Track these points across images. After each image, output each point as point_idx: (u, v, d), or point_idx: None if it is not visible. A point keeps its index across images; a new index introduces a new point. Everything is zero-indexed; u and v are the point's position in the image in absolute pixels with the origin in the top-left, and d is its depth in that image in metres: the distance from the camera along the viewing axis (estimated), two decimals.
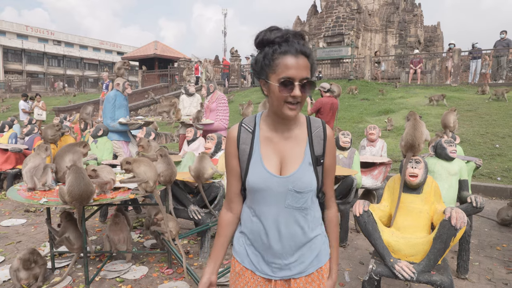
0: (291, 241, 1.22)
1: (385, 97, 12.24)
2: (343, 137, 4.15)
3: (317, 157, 1.23)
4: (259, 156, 1.22)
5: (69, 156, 3.15)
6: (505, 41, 12.68)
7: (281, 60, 1.10)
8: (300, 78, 1.10)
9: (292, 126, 1.24)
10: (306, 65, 1.12)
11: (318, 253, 1.27)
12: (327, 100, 5.92)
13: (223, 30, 45.18)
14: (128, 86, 5.28)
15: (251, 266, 1.28)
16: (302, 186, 1.19)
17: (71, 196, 2.45)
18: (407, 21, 20.36)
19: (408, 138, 2.68)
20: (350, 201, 3.73)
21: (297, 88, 1.10)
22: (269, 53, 1.12)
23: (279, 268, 1.24)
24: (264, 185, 1.19)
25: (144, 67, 23.20)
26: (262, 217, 1.23)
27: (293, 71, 1.09)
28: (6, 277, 2.98)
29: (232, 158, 1.27)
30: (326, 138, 1.25)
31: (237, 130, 1.27)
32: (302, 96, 1.13)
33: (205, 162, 3.14)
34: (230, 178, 1.30)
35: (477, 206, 2.76)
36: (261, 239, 1.24)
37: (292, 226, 1.22)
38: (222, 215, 1.34)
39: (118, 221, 3.25)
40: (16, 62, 42.19)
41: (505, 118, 8.69)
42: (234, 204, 1.32)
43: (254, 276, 1.28)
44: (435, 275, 2.17)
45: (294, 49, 1.10)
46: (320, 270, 1.28)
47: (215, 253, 1.33)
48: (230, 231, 1.34)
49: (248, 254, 1.28)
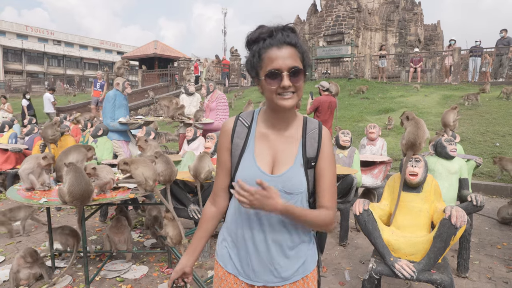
0: (277, 244, 1.18)
1: (385, 96, 12.23)
2: (343, 136, 4.15)
3: (309, 159, 1.18)
4: (252, 152, 1.19)
5: (72, 155, 3.14)
6: (505, 40, 12.67)
7: (266, 54, 1.10)
8: (288, 68, 1.08)
9: (289, 125, 1.21)
10: (292, 54, 1.10)
11: (304, 260, 1.22)
12: (325, 99, 5.92)
13: (223, 29, 45.31)
14: (127, 85, 5.28)
15: (234, 270, 1.23)
16: (291, 187, 1.16)
17: (72, 196, 2.44)
18: (407, 20, 20.32)
19: (411, 136, 2.67)
20: (350, 200, 3.73)
21: (285, 78, 1.09)
22: (256, 51, 1.12)
23: (263, 273, 1.19)
24: (253, 182, 1.12)
25: (144, 67, 23.17)
26: (248, 218, 1.19)
27: (279, 61, 1.08)
28: (6, 277, 2.98)
29: (224, 152, 1.24)
30: (321, 141, 1.20)
31: (233, 123, 1.24)
32: (296, 85, 1.11)
33: (204, 161, 3.14)
34: (219, 172, 1.27)
35: (477, 205, 2.75)
36: (245, 241, 1.20)
37: (279, 229, 1.17)
38: (206, 208, 1.30)
39: (119, 224, 3.25)
40: (16, 62, 42.18)
41: (506, 117, 8.68)
42: (219, 199, 1.28)
43: (238, 281, 1.23)
44: (435, 273, 2.16)
45: (277, 41, 1.09)
46: (306, 278, 1.23)
47: (193, 246, 1.28)
48: (211, 225, 1.29)
49: (231, 257, 1.24)
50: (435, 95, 11.49)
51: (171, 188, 3.32)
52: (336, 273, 3.09)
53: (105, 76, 15.05)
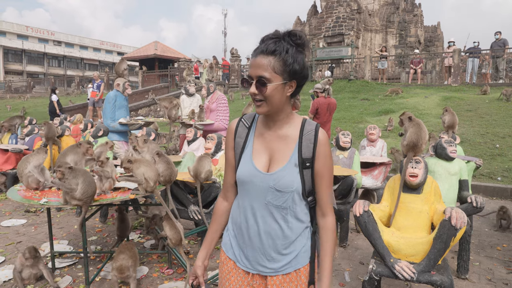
0: (269, 237, 1.25)
1: (385, 97, 12.24)
2: (343, 137, 4.15)
3: (304, 159, 1.23)
4: (250, 151, 1.28)
5: (70, 157, 3.14)
6: (500, 41, 12.76)
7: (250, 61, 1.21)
8: (255, 76, 1.15)
9: (284, 126, 1.27)
10: (264, 64, 1.14)
11: (297, 254, 1.27)
12: (324, 101, 5.93)
13: (223, 30, 45.45)
14: (128, 86, 5.28)
15: (233, 257, 1.34)
16: (282, 185, 1.21)
17: (86, 196, 2.46)
18: (407, 21, 20.36)
19: (413, 137, 2.67)
20: (350, 201, 3.73)
21: (252, 86, 1.17)
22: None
23: (256, 262, 1.28)
24: (248, 179, 1.25)
25: (144, 68, 23.19)
26: (245, 210, 1.29)
27: (251, 69, 1.18)
28: (6, 277, 2.98)
29: (229, 150, 1.35)
30: (316, 142, 1.23)
31: (236, 123, 1.34)
32: (263, 94, 1.16)
33: (204, 162, 3.14)
34: (227, 169, 1.38)
35: (477, 206, 2.75)
36: (242, 232, 1.30)
37: (270, 223, 1.25)
38: (218, 204, 1.42)
39: (124, 249, 2.83)
40: (17, 63, 42.22)
41: (505, 118, 8.69)
42: (229, 194, 1.39)
43: (236, 267, 1.34)
44: (435, 275, 2.17)
45: (259, 50, 1.16)
46: (299, 271, 1.28)
47: (208, 240, 1.40)
48: (224, 219, 1.41)
49: (232, 246, 1.35)
50: (435, 96, 11.50)
51: (172, 189, 3.32)
52: (336, 274, 3.09)
53: (105, 77, 15.01)
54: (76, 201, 2.46)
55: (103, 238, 3.97)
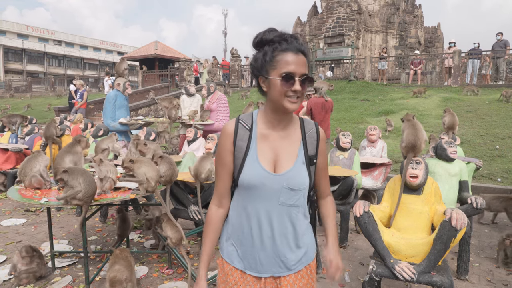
0: (283, 238, 1.26)
1: (385, 98, 12.24)
2: (343, 138, 4.15)
3: (310, 157, 1.29)
4: (255, 153, 1.25)
5: (69, 158, 3.14)
6: (501, 42, 12.74)
7: (282, 57, 1.17)
8: (300, 74, 1.17)
9: (288, 125, 1.28)
10: (304, 62, 1.19)
11: (306, 250, 1.32)
12: (317, 100, 5.94)
13: (223, 30, 45.49)
14: (128, 86, 5.28)
15: (241, 266, 1.30)
16: (296, 184, 1.24)
17: (86, 196, 2.46)
18: (408, 22, 20.37)
19: (410, 138, 2.67)
20: (350, 202, 3.73)
21: (297, 82, 1.17)
22: (269, 51, 1.19)
23: (270, 266, 1.27)
24: (259, 182, 1.22)
25: (145, 67, 23.17)
26: (255, 214, 1.25)
27: (294, 66, 1.16)
28: (6, 276, 2.98)
29: (227, 154, 1.27)
30: (319, 139, 1.32)
31: (234, 126, 1.28)
32: (302, 91, 1.19)
33: (205, 162, 3.14)
34: (223, 174, 1.30)
35: (477, 207, 2.76)
36: (252, 236, 1.26)
37: (285, 223, 1.26)
38: (213, 211, 1.34)
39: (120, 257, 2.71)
40: (17, 62, 42.18)
41: (505, 119, 8.69)
42: (225, 200, 1.34)
43: (244, 275, 1.30)
44: (435, 276, 2.17)
45: (294, 47, 1.17)
46: (309, 266, 1.33)
47: (208, 253, 1.33)
48: (220, 228, 1.36)
49: (238, 254, 1.31)
50: (435, 97, 11.50)
51: (172, 189, 3.32)
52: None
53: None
54: (76, 201, 2.46)
55: (103, 237, 3.97)
